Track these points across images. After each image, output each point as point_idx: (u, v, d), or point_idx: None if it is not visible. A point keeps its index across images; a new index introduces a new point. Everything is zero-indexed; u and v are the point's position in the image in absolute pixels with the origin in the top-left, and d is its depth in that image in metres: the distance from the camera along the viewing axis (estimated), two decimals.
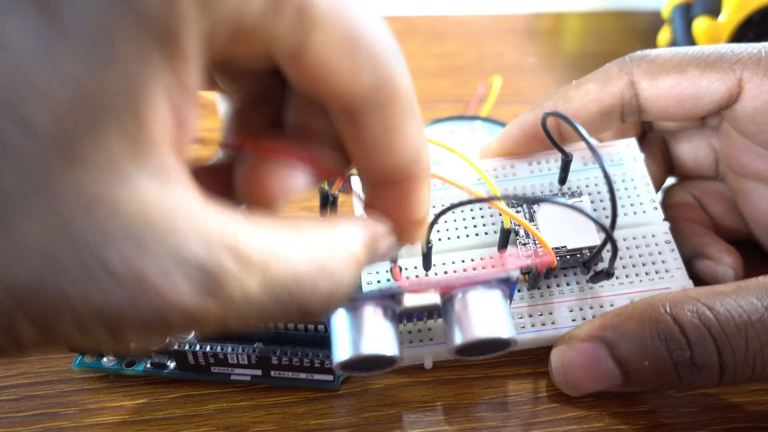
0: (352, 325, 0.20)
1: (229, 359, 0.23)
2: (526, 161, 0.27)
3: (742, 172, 0.28)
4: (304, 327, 0.23)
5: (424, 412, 0.23)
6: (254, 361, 0.23)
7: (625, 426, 0.22)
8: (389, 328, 0.21)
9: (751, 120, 0.25)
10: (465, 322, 0.21)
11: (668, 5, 0.45)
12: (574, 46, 0.51)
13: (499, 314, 0.21)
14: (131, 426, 0.22)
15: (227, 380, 0.23)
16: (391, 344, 0.20)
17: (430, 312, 0.22)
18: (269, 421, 0.22)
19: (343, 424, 0.22)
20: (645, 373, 0.21)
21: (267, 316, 0.14)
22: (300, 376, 0.23)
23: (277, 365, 0.23)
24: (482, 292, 0.21)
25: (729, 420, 0.23)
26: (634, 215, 0.26)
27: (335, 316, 0.21)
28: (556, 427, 0.22)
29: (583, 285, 0.25)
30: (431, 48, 0.50)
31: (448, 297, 0.21)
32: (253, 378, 0.23)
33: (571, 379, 0.22)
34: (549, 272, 0.24)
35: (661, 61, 0.26)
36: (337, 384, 0.23)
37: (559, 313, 0.24)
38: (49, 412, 0.22)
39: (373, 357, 0.20)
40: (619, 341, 0.21)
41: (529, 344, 0.24)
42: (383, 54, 0.16)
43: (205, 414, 0.22)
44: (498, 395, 0.23)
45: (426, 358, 0.24)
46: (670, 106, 0.26)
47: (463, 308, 0.21)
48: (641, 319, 0.21)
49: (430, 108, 0.42)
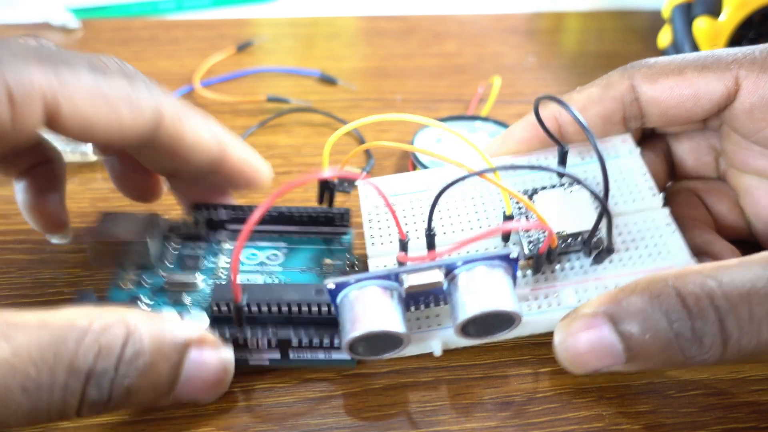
0: (358, 306, 0.21)
1: (249, 343, 0.23)
2: (525, 158, 0.28)
3: (744, 168, 0.28)
4: (317, 309, 0.23)
5: (424, 412, 0.23)
6: (275, 344, 0.23)
7: (625, 426, 0.22)
8: (395, 308, 0.21)
9: (749, 117, 0.26)
10: (469, 297, 0.21)
11: (668, 5, 0.45)
12: (574, 46, 0.51)
13: (503, 288, 0.21)
14: (131, 426, 0.22)
15: (245, 365, 0.23)
16: (398, 322, 0.21)
17: (436, 297, 0.23)
18: (269, 421, 0.22)
19: (343, 424, 0.22)
20: (647, 347, 0.21)
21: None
22: (319, 356, 0.23)
23: (298, 347, 0.23)
24: (485, 269, 0.22)
25: (729, 420, 0.23)
26: (633, 203, 0.26)
27: (342, 298, 0.21)
28: (556, 427, 0.22)
29: (586, 268, 0.25)
30: (431, 48, 0.50)
31: (452, 276, 0.22)
32: (272, 361, 0.23)
33: (575, 355, 0.22)
34: (551, 255, 0.24)
35: (660, 65, 0.27)
36: (354, 363, 0.24)
37: (564, 295, 0.24)
38: None
39: (380, 334, 0.21)
40: (622, 315, 0.21)
41: (535, 327, 0.24)
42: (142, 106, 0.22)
43: (205, 414, 0.22)
44: (498, 395, 0.23)
45: (434, 344, 0.23)
46: (670, 108, 0.26)
47: (466, 284, 0.22)
48: (644, 293, 0.21)
49: (430, 108, 0.42)
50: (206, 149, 0.25)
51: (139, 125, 0.22)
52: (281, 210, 0.28)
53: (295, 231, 0.28)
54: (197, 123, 0.24)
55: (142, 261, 0.26)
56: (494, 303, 0.21)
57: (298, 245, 0.28)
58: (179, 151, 0.24)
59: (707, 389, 0.24)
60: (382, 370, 0.24)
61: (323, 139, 0.38)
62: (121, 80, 0.22)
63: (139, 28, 0.51)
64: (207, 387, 0.21)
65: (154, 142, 0.23)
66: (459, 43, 0.51)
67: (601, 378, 0.24)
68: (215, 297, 0.23)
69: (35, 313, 0.18)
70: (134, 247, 0.26)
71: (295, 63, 0.46)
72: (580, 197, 0.26)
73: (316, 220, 0.28)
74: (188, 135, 0.24)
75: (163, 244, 0.27)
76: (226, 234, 0.28)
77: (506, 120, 0.37)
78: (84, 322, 0.18)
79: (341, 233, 0.29)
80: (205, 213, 0.28)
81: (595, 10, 0.57)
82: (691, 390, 0.24)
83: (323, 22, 0.55)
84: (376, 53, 0.49)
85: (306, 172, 0.36)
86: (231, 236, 0.28)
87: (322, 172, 0.22)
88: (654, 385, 0.24)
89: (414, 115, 0.25)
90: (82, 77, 0.21)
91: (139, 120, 0.22)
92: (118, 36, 0.50)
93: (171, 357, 0.20)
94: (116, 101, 0.22)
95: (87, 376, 0.18)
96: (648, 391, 0.23)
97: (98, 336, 0.18)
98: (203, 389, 0.21)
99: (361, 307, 0.21)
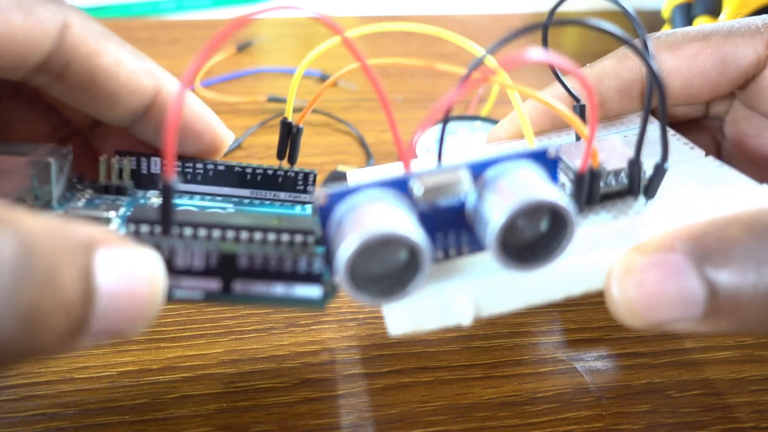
0: (361, 213, 0.16)
1: (179, 260, 0.16)
2: (537, 139, 0.25)
3: (751, 160, 0.26)
4: (276, 238, 0.18)
5: (424, 412, 0.23)
6: (215, 264, 0.17)
7: (625, 426, 0.22)
8: (410, 218, 0.16)
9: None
10: (507, 190, 0.16)
11: (668, 5, 0.45)
12: (574, 46, 0.51)
13: (546, 182, 0.17)
14: (131, 426, 0.22)
15: (169, 298, 0.17)
16: (414, 228, 0.16)
17: (458, 232, 0.18)
18: (269, 421, 0.22)
19: (343, 424, 0.22)
20: (740, 296, 0.16)
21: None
22: (275, 290, 0.17)
23: (248, 270, 0.17)
24: (522, 168, 0.17)
25: (729, 420, 0.23)
26: (672, 158, 0.22)
27: (339, 216, 0.16)
28: (556, 427, 0.22)
29: (639, 208, 0.20)
30: (431, 48, 0.50)
31: (480, 183, 0.17)
32: (209, 296, 0.17)
33: (640, 297, 0.17)
34: (593, 195, 0.19)
35: (682, 32, 0.24)
36: (324, 303, 0.18)
37: (614, 236, 0.19)
38: (49, 412, 0.22)
39: (390, 239, 0.15)
40: (712, 251, 0.16)
41: (583, 279, 0.19)
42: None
43: (205, 414, 0.22)
44: (498, 395, 0.23)
45: (463, 303, 0.18)
46: (694, 78, 0.24)
47: (500, 181, 0.17)
48: (749, 225, 0.16)
49: (430, 107, 0.42)
50: (131, 80, 0.20)
51: (36, 34, 0.18)
52: (229, 165, 0.22)
53: (246, 195, 0.23)
54: (119, 47, 0.20)
55: (39, 194, 0.19)
56: (541, 193, 0.16)
57: (249, 210, 0.22)
58: (96, 81, 0.20)
59: (707, 389, 0.24)
60: (383, 370, 0.24)
61: (323, 139, 0.39)
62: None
63: (139, 28, 0.51)
64: (134, 303, 0.14)
65: (63, 69, 0.19)
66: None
67: (601, 378, 0.24)
68: (133, 215, 0.18)
69: None
70: (32, 169, 0.19)
71: (295, 63, 0.46)
72: (608, 147, 0.21)
73: (272, 180, 0.23)
74: (105, 58, 0.20)
75: (69, 187, 0.21)
76: (157, 194, 0.22)
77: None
78: None
79: (304, 201, 0.23)
80: (132, 163, 0.22)
81: (595, 11, 0.57)
82: (691, 390, 0.24)
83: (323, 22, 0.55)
84: (376, 53, 0.49)
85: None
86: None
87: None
88: (654, 385, 0.24)
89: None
90: None
91: (35, 29, 0.18)
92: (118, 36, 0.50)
93: (75, 259, 0.14)
94: (2, 5, 0.18)
95: None
96: (648, 391, 0.23)
97: None
98: (128, 308, 0.14)
99: (366, 213, 0.16)
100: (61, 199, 0.20)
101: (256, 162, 0.36)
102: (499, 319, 0.26)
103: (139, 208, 0.18)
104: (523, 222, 0.17)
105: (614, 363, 0.25)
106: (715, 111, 0.27)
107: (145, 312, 0.15)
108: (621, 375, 0.24)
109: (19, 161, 0.19)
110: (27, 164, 0.19)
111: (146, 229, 0.17)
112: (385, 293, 0.16)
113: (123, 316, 0.14)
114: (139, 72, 0.20)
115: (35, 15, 0.18)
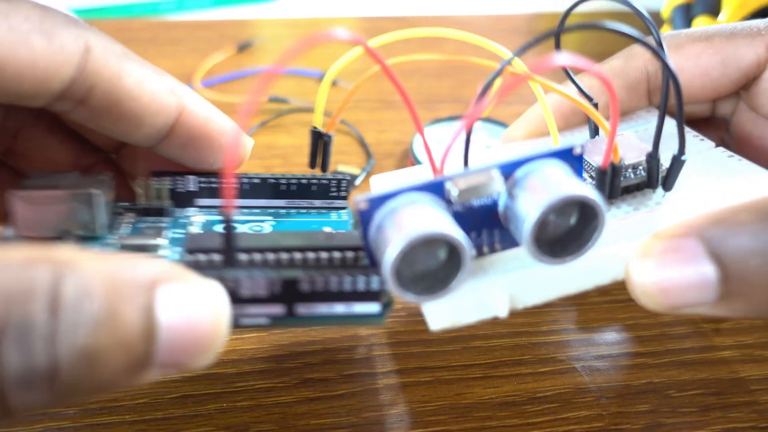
0: (403, 217, 0.17)
1: (242, 288, 0.17)
2: (546, 138, 0.26)
3: (755, 160, 0.27)
4: (328, 256, 0.18)
5: (424, 412, 0.23)
6: (278, 290, 0.17)
7: (625, 426, 0.22)
8: (445, 215, 0.17)
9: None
10: (539, 188, 0.17)
11: (668, 6, 0.45)
12: (574, 47, 0.51)
13: (574, 178, 0.18)
14: (131, 426, 0.22)
15: (236, 325, 0.17)
16: (454, 228, 0.17)
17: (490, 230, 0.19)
18: (269, 421, 0.22)
19: (343, 424, 0.22)
20: (749, 278, 0.16)
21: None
22: (336, 309, 0.18)
23: (309, 292, 0.17)
24: (550, 166, 0.18)
25: (729, 420, 0.23)
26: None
27: (380, 220, 0.17)
28: (556, 427, 0.22)
29: (659, 200, 0.21)
30: (431, 48, 0.50)
31: (511, 182, 0.18)
32: (274, 319, 0.17)
33: (654, 281, 0.17)
34: (614, 188, 0.20)
35: (686, 33, 0.25)
36: (383, 317, 0.18)
37: (633, 227, 0.20)
38: (49, 412, 0.22)
39: (432, 239, 0.16)
40: (723, 235, 0.17)
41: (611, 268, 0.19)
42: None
43: (205, 414, 0.22)
44: (498, 395, 0.23)
45: (499, 297, 0.19)
46: (696, 77, 0.24)
47: (530, 179, 0.18)
48: (759, 210, 0.17)
49: (430, 108, 0.42)
50: (154, 100, 0.20)
51: (59, 60, 0.18)
52: (263, 177, 0.22)
53: (282, 206, 0.23)
54: (141, 66, 0.20)
55: (84, 225, 0.20)
56: (573, 188, 0.17)
57: (288, 221, 0.23)
58: (119, 103, 0.19)
59: (707, 389, 0.24)
60: (383, 370, 0.24)
61: None
62: (28, 3, 0.18)
63: (139, 28, 0.51)
64: (196, 338, 0.15)
65: (86, 94, 0.19)
66: (459, 43, 0.51)
67: (601, 378, 0.24)
68: (190, 245, 0.18)
69: None
70: (76, 202, 0.19)
71: (295, 63, 0.46)
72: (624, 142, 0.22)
73: (306, 189, 0.23)
74: (128, 79, 0.19)
75: (112, 213, 0.21)
76: (196, 211, 0.22)
77: (506, 120, 0.37)
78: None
79: (339, 207, 0.23)
80: (169, 183, 0.22)
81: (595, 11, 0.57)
82: (691, 390, 0.24)
83: (323, 22, 0.55)
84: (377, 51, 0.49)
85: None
86: (204, 212, 0.22)
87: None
88: (654, 385, 0.24)
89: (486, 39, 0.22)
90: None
91: (58, 55, 0.18)
92: (119, 36, 0.49)
93: (135, 299, 0.14)
94: (24, 27, 0.17)
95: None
96: (648, 391, 0.23)
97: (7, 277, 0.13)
98: (192, 342, 0.15)
99: (407, 216, 0.17)
100: (106, 227, 0.20)
101: (257, 161, 0.36)
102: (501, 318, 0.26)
103: (197, 238, 0.18)
104: (554, 217, 0.18)
105: (614, 363, 0.25)
106: (721, 111, 0.27)
107: (209, 345, 0.15)
108: (621, 375, 0.24)
109: (63, 193, 0.19)
110: (71, 196, 0.19)
111: (205, 258, 0.18)
112: (429, 291, 0.17)
113: (186, 351, 0.15)
114: (162, 91, 0.20)
115: (58, 40, 0.18)
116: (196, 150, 0.21)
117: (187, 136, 0.21)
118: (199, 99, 0.21)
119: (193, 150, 0.21)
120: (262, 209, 0.23)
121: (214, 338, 0.15)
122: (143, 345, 0.14)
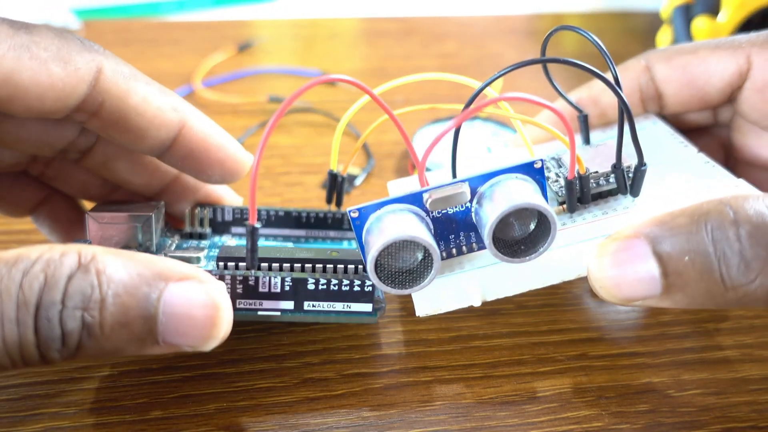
0: (385, 222, 0.20)
1: (260, 284, 0.21)
2: (551, 143, 0.28)
3: (755, 162, 0.28)
4: (333, 267, 0.22)
5: (424, 412, 0.23)
6: (289, 286, 0.22)
7: (625, 426, 0.22)
8: (422, 225, 0.21)
9: (761, 97, 0.25)
10: (498, 198, 0.20)
11: (668, 6, 0.45)
12: (574, 47, 0.51)
13: (533, 190, 0.21)
14: (131, 426, 0.22)
15: (254, 316, 0.22)
16: (425, 233, 0.20)
17: (467, 234, 0.22)
18: (269, 421, 0.22)
19: (343, 424, 0.22)
20: (685, 273, 0.19)
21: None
22: (336, 307, 0.22)
23: (313, 291, 0.22)
24: (511, 179, 0.21)
25: (729, 420, 0.23)
26: (667, 154, 0.26)
27: (368, 225, 0.21)
28: (556, 427, 0.22)
29: (627, 204, 0.24)
30: (431, 48, 0.50)
31: (478, 195, 0.21)
32: (284, 313, 0.22)
33: (607, 278, 0.20)
34: (584, 195, 0.23)
35: (675, 47, 0.27)
36: (376, 315, 0.22)
37: (600, 229, 0.23)
38: (49, 412, 0.22)
39: (407, 242, 0.20)
40: (663, 235, 0.19)
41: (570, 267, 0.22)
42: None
43: (205, 414, 0.22)
44: (498, 395, 0.23)
45: (471, 288, 0.22)
46: (683, 87, 0.27)
47: (494, 190, 0.21)
48: (693, 213, 0.19)
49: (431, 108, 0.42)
50: (157, 115, 0.22)
51: (73, 82, 0.21)
52: (287, 211, 0.27)
53: (302, 235, 0.27)
54: (147, 85, 0.22)
55: (142, 242, 0.24)
56: (525, 198, 0.20)
57: (305, 245, 0.27)
58: (126, 117, 0.22)
59: (707, 389, 0.24)
60: (382, 370, 0.24)
61: (324, 139, 0.39)
62: (48, 33, 0.20)
63: (140, 29, 0.52)
64: (193, 326, 0.19)
65: (98, 108, 0.22)
66: (459, 44, 0.51)
67: (601, 378, 0.24)
68: (221, 254, 0.22)
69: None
70: (136, 223, 0.24)
71: (295, 63, 0.46)
72: (607, 150, 0.25)
73: (323, 222, 0.27)
74: (134, 97, 0.22)
75: (163, 235, 0.26)
76: (230, 237, 0.27)
77: (506, 120, 0.37)
78: (34, 254, 0.17)
79: (351, 237, 0.27)
80: (209, 212, 0.26)
81: (594, 11, 0.57)
82: (691, 390, 0.24)
83: (323, 23, 0.55)
84: (376, 54, 0.49)
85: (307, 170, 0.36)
86: (237, 237, 0.27)
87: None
88: (654, 385, 0.24)
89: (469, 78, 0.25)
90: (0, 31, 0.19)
91: (72, 77, 0.21)
92: (120, 37, 0.50)
93: (142, 291, 0.18)
94: (43, 55, 0.20)
95: (36, 307, 0.17)
96: (648, 391, 0.23)
97: (45, 266, 0.17)
98: (189, 329, 0.18)
99: (388, 222, 0.20)
100: (158, 245, 0.25)
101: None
102: (500, 318, 0.26)
103: (226, 248, 0.23)
104: (516, 223, 0.21)
105: (614, 363, 0.25)
106: (722, 119, 0.29)
107: (206, 330, 0.19)
108: (621, 375, 0.24)
109: (127, 216, 0.24)
110: (133, 218, 0.24)
111: (232, 264, 0.22)
112: (404, 284, 0.21)
113: (183, 333, 0.18)
114: (165, 108, 0.23)
115: (73, 64, 0.21)
116: (196, 162, 0.24)
117: (187, 149, 0.23)
118: (201, 116, 0.24)
119: (193, 162, 0.24)
120: (285, 237, 0.27)
121: (210, 329, 0.19)
122: (144, 328, 0.18)
